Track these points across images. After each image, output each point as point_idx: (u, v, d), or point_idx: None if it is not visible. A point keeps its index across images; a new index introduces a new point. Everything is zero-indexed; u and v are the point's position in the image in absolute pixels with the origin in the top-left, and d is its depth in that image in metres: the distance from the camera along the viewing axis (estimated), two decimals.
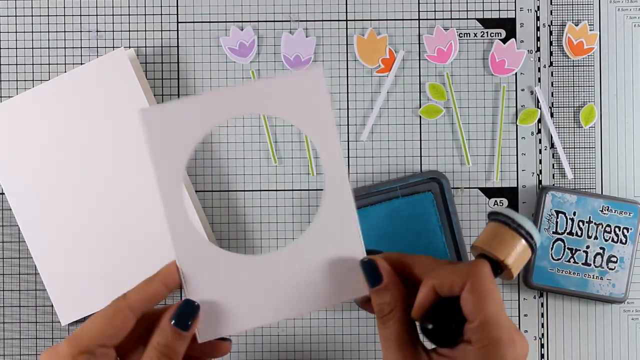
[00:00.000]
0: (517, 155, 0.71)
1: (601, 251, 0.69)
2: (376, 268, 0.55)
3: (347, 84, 0.71)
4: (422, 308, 0.53)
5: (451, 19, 0.72)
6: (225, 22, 0.71)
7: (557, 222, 0.69)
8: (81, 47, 0.71)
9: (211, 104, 0.57)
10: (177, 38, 0.71)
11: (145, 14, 0.72)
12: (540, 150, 0.71)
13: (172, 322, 0.54)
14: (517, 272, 0.55)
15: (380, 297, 0.54)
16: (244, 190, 0.71)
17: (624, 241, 0.69)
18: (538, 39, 0.72)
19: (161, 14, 0.72)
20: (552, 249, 0.69)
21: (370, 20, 0.71)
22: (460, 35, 0.71)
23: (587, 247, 0.69)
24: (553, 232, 0.69)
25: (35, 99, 0.68)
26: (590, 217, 0.69)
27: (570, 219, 0.69)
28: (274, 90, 0.58)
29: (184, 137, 0.57)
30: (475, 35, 0.72)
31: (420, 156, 0.71)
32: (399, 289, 0.54)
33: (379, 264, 0.55)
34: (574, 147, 0.71)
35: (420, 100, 0.71)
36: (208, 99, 0.57)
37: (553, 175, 0.71)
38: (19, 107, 0.69)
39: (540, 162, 0.71)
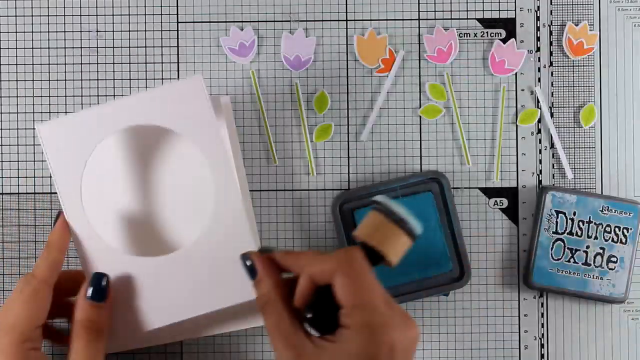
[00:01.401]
0: (517, 155, 0.71)
1: (601, 251, 0.69)
2: (251, 262, 0.59)
3: (347, 84, 0.71)
4: (302, 297, 0.56)
5: (451, 19, 0.72)
6: (225, 22, 0.71)
7: (557, 222, 0.69)
8: (81, 47, 0.71)
9: (100, 118, 0.63)
10: (177, 38, 0.71)
11: (145, 14, 0.72)
12: (540, 150, 0.71)
13: (87, 297, 0.60)
14: (397, 258, 0.57)
15: (258, 289, 0.58)
16: None
17: (624, 241, 0.69)
18: (538, 39, 0.72)
19: (161, 14, 0.72)
20: (552, 249, 0.69)
21: (370, 20, 0.71)
22: (460, 35, 0.71)
23: (587, 247, 0.69)
24: (553, 232, 0.69)
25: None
26: (590, 217, 0.69)
27: (570, 219, 0.69)
28: (159, 101, 0.63)
29: (79, 147, 0.63)
30: (475, 35, 0.72)
31: (420, 156, 0.71)
32: (275, 280, 0.57)
33: (253, 258, 0.59)
34: (574, 147, 0.71)
35: (420, 100, 0.71)
36: (97, 112, 0.63)
37: (553, 175, 0.71)
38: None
39: (540, 162, 0.71)
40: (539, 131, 0.72)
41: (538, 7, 0.72)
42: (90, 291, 0.60)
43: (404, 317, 0.54)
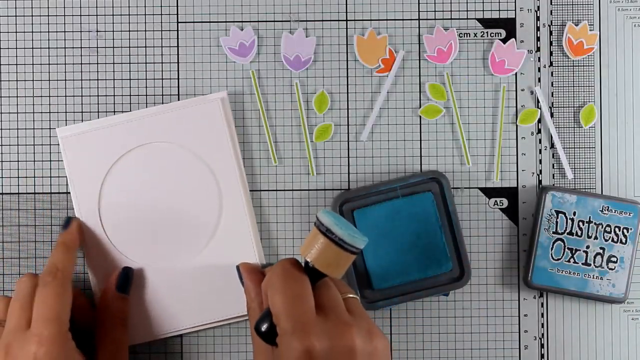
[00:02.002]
0: (517, 155, 0.71)
1: (601, 251, 0.69)
2: (239, 272, 0.66)
3: (347, 84, 0.71)
4: (259, 310, 0.62)
5: (451, 19, 0.72)
6: (225, 22, 0.71)
7: (557, 222, 0.69)
8: (81, 47, 0.71)
9: (121, 131, 0.68)
10: (177, 38, 0.71)
11: (145, 14, 0.72)
12: (540, 150, 0.71)
13: (116, 289, 0.66)
14: (338, 273, 0.57)
15: (246, 295, 0.65)
16: None
17: (624, 241, 0.69)
18: (538, 39, 0.72)
19: (161, 14, 0.72)
20: (552, 249, 0.69)
21: (370, 20, 0.71)
22: (460, 35, 0.71)
23: (587, 247, 0.69)
24: (553, 232, 0.69)
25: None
26: (590, 217, 0.69)
27: (570, 219, 0.69)
28: (179, 118, 0.68)
29: (98, 158, 0.68)
30: (475, 35, 0.72)
31: (420, 156, 0.71)
32: (257, 290, 0.63)
33: (241, 270, 0.66)
34: (574, 147, 0.71)
35: (420, 100, 0.71)
36: (118, 124, 0.68)
37: (553, 175, 0.71)
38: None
39: (540, 162, 0.71)
40: (539, 131, 0.72)
41: (538, 7, 0.72)
42: (118, 283, 0.67)
43: (337, 326, 0.54)
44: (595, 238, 0.69)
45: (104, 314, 0.66)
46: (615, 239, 0.69)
